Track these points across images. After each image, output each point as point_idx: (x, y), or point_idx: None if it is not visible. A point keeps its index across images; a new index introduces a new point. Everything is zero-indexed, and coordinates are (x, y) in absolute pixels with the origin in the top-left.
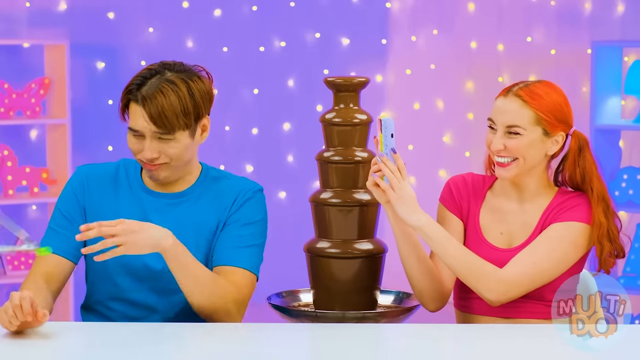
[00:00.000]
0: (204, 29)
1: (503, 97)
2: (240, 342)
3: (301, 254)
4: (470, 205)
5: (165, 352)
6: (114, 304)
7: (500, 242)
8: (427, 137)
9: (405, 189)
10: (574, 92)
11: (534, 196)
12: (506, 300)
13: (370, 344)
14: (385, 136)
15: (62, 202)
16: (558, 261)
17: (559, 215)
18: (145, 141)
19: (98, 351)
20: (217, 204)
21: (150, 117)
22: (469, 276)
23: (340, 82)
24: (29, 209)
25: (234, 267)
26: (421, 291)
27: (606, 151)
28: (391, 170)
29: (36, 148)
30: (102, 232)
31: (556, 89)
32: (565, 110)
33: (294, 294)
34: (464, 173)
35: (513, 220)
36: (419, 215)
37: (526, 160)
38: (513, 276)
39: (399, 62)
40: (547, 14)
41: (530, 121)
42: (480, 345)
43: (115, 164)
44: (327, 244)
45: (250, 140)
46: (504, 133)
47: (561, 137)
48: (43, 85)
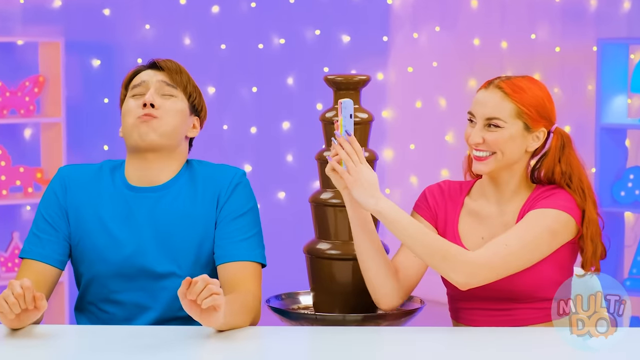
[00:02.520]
0: (202, 25)
1: (484, 89)
2: (238, 346)
3: (301, 256)
4: (447, 213)
5: (161, 355)
6: (106, 306)
7: (481, 245)
8: (429, 136)
9: (363, 172)
10: (579, 91)
11: (512, 195)
12: (475, 283)
13: (371, 347)
14: (344, 117)
15: (44, 205)
16: (532, 245)
17: (536, 203)
18: (148, 93)
19: (92, 355)
20: (204, 194)
21: (164, 66)
22: (433, 258)
23: (340, 80)
24: (22, 210)
25: (240, 262)
26: (375, 286)
27: (612, 150)
28: (348, 152)
29: (30, 147)
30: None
31: (539, 85)
32: (548, 106)
33: (293, 296)
34: (440, 181)
35: (493, 222)
36: (377, 199)
37: (505, 155)
38: (482, 257)
39: (401, 60)
40: (552, 11)
41: (511, 114)
42: (481, 349)
43: (98, 165)
44: (327, 245)
45: (249, 139)
46: (483, 126)
47: (542, 133)
48: (37, 84)
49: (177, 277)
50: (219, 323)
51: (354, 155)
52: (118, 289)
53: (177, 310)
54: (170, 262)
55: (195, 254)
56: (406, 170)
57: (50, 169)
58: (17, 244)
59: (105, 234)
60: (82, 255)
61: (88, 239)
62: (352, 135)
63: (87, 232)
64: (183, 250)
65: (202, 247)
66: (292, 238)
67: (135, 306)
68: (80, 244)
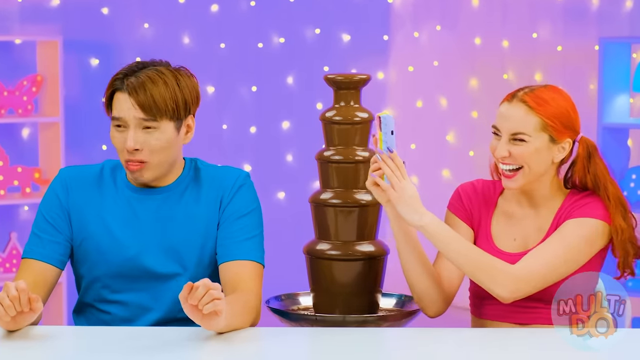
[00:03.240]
0: (201, 24)
1: (507, 102)
2: (237, 347)
3: (301, 256)
4: (481, 213)
5: (160, 357)
6: (107, 306)
7: (514, 247)
8: (429, 136)
9: (407, 188)
10: (581, 90)
11: (545, 201)
12: (518, 296)
13: (372, 348)
14: (385, 133)
15: (45, 206)
16: (571, 257)
17: (572, 212)
18: (129, 131)
19: (90, 356)
20: (207, 195)
21: (137, 102)
22: (478, 273)
23: (340, 79)
24: (20, 210)
25: (241, 261)
26: (421, 295)
27: (614, 150)
28: (391, 168)
29: (28, 147)
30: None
31: (562, 94)
32: (572, 116)
33: (293, 297)
34: (473, 180)
35: (527, 224)
36: (421, 215)
37: (531, 168)
38: (524, 271)
39: (401, 59)
40: (554, 9)
41: (535, 128)
42: (483, 350)
43: (99, 165)
44: (327, 246)
45: (249, 139)
46: (508, 140)
47: (568, 144)
48: (35, 83)
49: (180, 278)
50: (220, 327)
51: (397, 171)
52: (120, 289)
53: (178, 312)
54: (173, 263)
55: (198, 255)
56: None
57: (49, 169)
58: (14, 244)
59: (108, 235)
60: (84, 257)
61: (91, 239)
62: (394, 152)
63: (90, 233)
64: (186, 251)
65: (205, 248)
66: (292, 238)
67: (137, 307)
68: (82, 245)
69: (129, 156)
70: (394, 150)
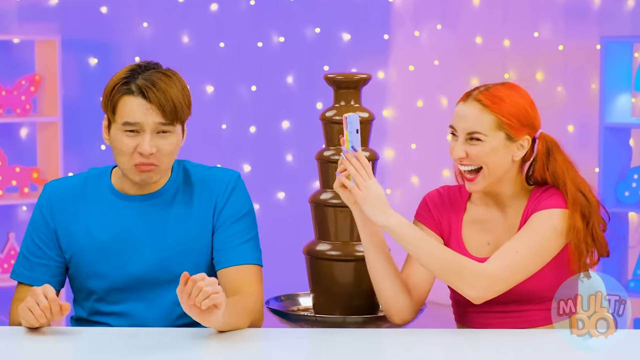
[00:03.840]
0: (200, 23)
1: (463, 102)
2: (237, 348)
3: (300, 257)
4: (450, 220)
5: (161, 357)
6: (102, 319)
7: (487, 252)
8: (430, 136)
9: (372, 188)
10: (582, 90)
11: (511, 200)
12: (490, 295)
13: (372, 349)
14: (350, 132)
15: (33, 226)
16: (541, 249)
17: (537, 205)
18: (145, 135)
19: (91, 356)
20: (199, 199)
21: (158, 106)
22: (448, 274)
23: (341, 78)
24: (19, 210)
25: (241, 266)
26: (388, 302)
27: (616, 150)
28: (356, 168)
29: (26, 147)
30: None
31: (519, 91)
32: (530, 113)
33: (293, 298)
34: (438, 187)
35: (496, 227)
36: (388, 215)
37: (490, 168)
38: (495, 269)
39: (402, 58)
40: (555, 8)
41: (490, 126)
42: (483, 351)
43: (83, 175)
44: (327, 246)
45: (248, 139)
46: (464, 140)
47: (527, 141)
48: (34, 82)
49: (174, 284)
50: (219, 323)
51: (362, 170)
52: (115, 301)
53: (175, 319)
54: (166, 271)
55: (193, 260)
56: (407, 170)
57: (47, 169)
58: (13, 244)
59: (97, 247)
60: (76, 270)
61: (80, 253)
62: (358, 151)
63: (79, 247)
64: (180, 257)
65: (200, 253)
66: (292, 239)
67: (133, 318)
68: (73, 259)
69: (141, 159)
70: (358, 150)
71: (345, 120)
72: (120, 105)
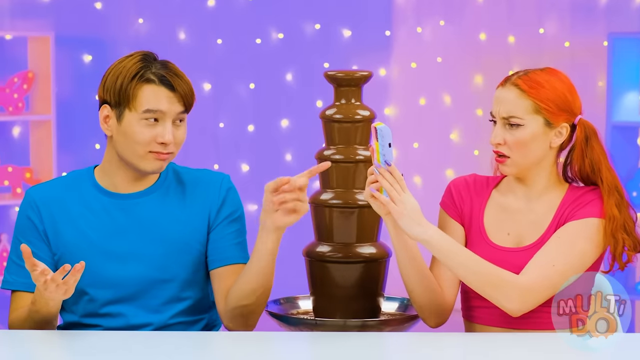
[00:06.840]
0: (197, 19)
1: (501, 87)
2: (236, 352)
3: (300, 259)
4: (472, 207)
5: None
6: (95, 320)
7: (508, 242)
8: (433, 135)
9: (408, 202)
10: (589, 87)
11: (543, 193)
12: (527, 308)
13: (373, 353)
14: (382, 146)
15: (20, 231)
16: (577, 260)
17: (575, 212)
18: (165, 124)
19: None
20: (192, 199)
21: (181, 94)
22: (484, 286)
23: (341, 76)
24: (11, 211)
25: (237, 265)
26: (421, 306)
27: (623, 149)
28: (390, 182)
29: (19, 146)
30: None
31: (559, 76)
32: (569, 98)
33: (292, 301)
34: (466, 175)
35: (521, 219)
36: (424, 228)
37: (528, 155)
38: (533, 282)
39: (404, 55)
40: (561, 4)
41: (528, 111)
42: (486, 355)
43: (65, 178)
44: (327, 248)
45: (246, 137)
46: (503, 125)
47: (565, 129)
48: (26, 80)
49: (167, 283)
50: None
51: (396, 184)
52: (107, 300)
53: (169, 319)
54: (159, 269)
55: (186, 259)
56: (410, 169)
57: (40, 168)
58: (5, 246)
59: (88, 246)
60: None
61: (70, 254)
62: (392, 165)
63: (69, 248)
64: (172, 255)
65: (192, 252)
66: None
67: (126, 318)
68: (62, 260)
69: (160, 148)
70: (392, 164)
71: (375, 131)
72: (139, 94)
